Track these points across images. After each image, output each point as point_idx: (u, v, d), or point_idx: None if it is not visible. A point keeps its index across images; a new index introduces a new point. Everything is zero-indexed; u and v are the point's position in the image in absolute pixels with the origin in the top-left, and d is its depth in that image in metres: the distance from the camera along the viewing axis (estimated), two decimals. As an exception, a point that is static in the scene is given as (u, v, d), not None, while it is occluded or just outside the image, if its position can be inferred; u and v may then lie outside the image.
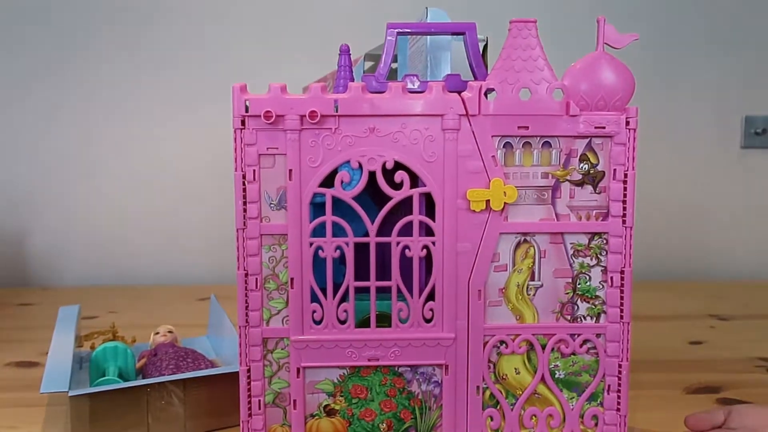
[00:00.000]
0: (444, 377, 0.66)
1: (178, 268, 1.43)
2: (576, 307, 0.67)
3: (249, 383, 0.66)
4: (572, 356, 0.67)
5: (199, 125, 1.39)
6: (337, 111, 0.63)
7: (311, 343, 0.66)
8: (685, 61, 1.46)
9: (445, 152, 0.64)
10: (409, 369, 0.67)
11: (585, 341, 0.67)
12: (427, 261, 0.66)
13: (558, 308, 0.67)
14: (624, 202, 0.66)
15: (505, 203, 0.64)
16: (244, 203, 0.64)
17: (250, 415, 0.66)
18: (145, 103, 1.39)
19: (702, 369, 0.94)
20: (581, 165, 0.66)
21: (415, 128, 0.64)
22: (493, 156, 0.64)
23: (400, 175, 0.64)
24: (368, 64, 0.85)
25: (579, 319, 0.67)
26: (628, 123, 0.65)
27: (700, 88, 1.47)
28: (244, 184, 0.64)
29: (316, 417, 0.67)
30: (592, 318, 0.67)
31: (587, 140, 0.65)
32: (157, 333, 0.86)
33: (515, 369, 0.67)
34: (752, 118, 1.48)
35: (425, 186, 0.64)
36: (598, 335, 0.67)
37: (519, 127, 0.64)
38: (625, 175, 0.65)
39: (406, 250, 0.65)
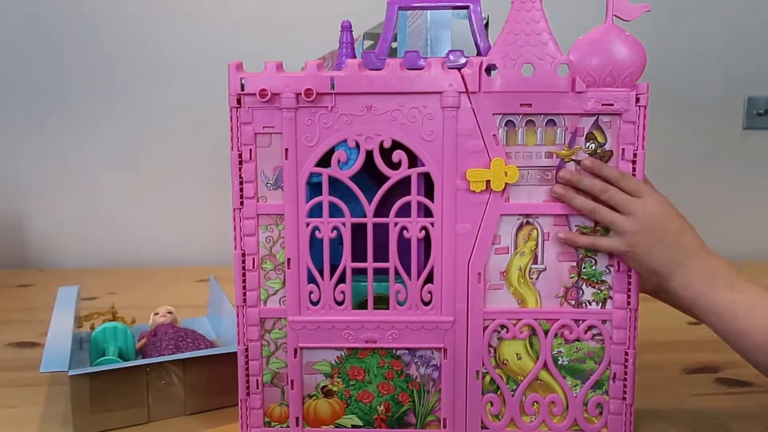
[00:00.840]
0: (443, 361, 0.65)
1: (177, 250, 1.43)
2: (581, 292, 0.65)
3: (247, 362, 0.66)
4: (576, 342, 0.65)
5: (197, 105, 1.38)
6: (333, 89, 0.62)
7: (308, 324, 0.65)
8: (687, 40, 1.41)
9: (444, 131, 0.62)
10: (407, 352, 0.66)
11: (590, 327, 0.65)
12: (426, 242, 0.64)
13: (562, 293, 0.65)
14: (633, 183, 0.63)
15: (506, 184, 0.62)
16: (241, 183, 0.64)
17: (248, 394, 0.66)
18: (142, 88, 1.38)
19: (701, 349, 0.91)
20: (588, 144, 0.63)
21: (413, 106, 0.62)
22: (494, 135, 0.62)
23: (398, 155, 0.62)
24: (367, 43, 0.83)
25: (584, 305, 0.65)
26: (638, 100, 0.62)
27: (702, 68, 1.42)
28: (240, 163, 0.63)
29: (314, 398, 0.66)
30: (597, 303, 0.65)
31: (594, 118, 0.62)
32: (157, 313, 0.86)
33: (516, 354, 0.65)
34: (755, 98, 1.44)
35: (424, 165, 0.63)
36: (603, 321, 0.65)
37: (521, 105, 0.62)
38: (635, 155, 0.63)
39: (404, 232, 0.64)
